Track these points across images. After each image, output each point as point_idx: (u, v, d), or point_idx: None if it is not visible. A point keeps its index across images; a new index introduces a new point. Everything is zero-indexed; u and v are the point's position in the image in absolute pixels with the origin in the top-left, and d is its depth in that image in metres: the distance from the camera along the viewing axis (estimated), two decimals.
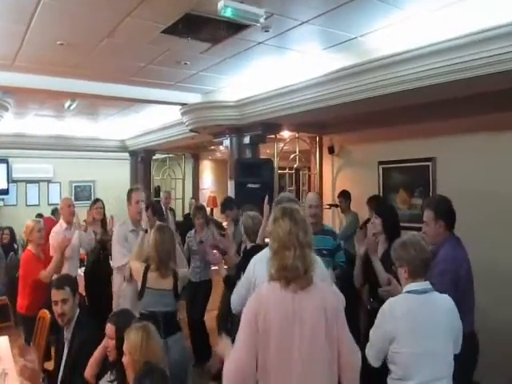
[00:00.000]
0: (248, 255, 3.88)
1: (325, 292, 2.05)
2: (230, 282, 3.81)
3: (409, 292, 2.40)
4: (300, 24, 3.75)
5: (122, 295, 3.91)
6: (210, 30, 3.96)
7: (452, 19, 3.48)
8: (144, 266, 3.40)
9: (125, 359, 2.33)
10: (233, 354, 1.95)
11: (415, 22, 3.65)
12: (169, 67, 5.05)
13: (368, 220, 5.09)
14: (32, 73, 5.21)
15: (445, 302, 2.44)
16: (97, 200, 5.83)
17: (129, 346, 2.33)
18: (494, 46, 3.28)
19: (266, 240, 3.04)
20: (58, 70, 5.16)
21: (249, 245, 3.98)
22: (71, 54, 4.59)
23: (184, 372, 3.37)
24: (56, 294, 3.20)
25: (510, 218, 4.57)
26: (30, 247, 4.53)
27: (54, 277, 4.26)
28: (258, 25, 3.59)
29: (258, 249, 3.87)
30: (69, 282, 3.37)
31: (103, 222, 5.66)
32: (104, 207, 5.71)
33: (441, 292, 2.46)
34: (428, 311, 2.37)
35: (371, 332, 2.44)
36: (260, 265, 2.82)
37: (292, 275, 1.95)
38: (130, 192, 4.26)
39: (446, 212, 3.10)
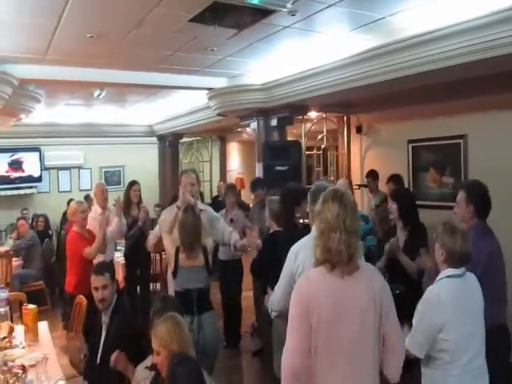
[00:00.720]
0: (269, 241, 3.93)
1: (372, 277, 2.03)
2: (255, 267, 3.92)
3: (449, 277, 2.39)
4: (327, 7, 3.71)
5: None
6: (237, 17, 3.96)
7: None
8: (175, 247, 3.53)
9: (157, 358, 2.34)
10: (287, 346, 1.94)
11: (442, 1, 3.58)
12: (195, 54, 5.07)
13: (383, 201, 5.08)
14: (62, 65, 5.32)
15: (476, 281, 2.46)
16: (134, 182, 5.93)
17: (161, 341, 2.34)
18: None
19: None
20: (87, 62, 5.25)
21: (274, 229, 4.03)
22: (100, 46, 4.67)
23: (214, 350, 3.47)
24: (96, 280, 3.24)
25: None
26: (74, 228, 4.62)
27: (95, 261, 4.43)
28: (285, 10, 3.58)
29: (277, 234, 3.93)
30: (108, 268, 3.45)
31: (138, 204, 5.81)
32: (140, 190, 5.84)
33: None
34: (469, 293, 2.39)
35: (414, 322, 2.41)
36: (304, 251, 2.79)
37: (336, 259, 1.91)
38: (180, 175, 4.41)
39: (478, 197, 3.01)
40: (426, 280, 2.81)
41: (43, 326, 3.82)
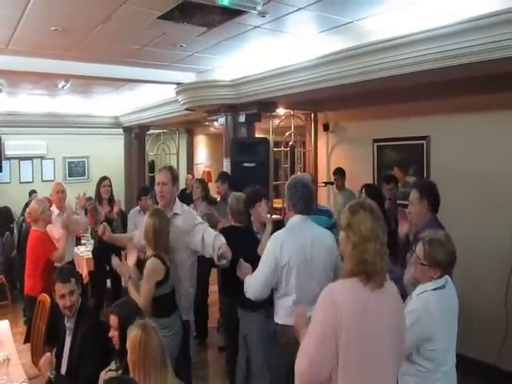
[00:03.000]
0: (223, 232, 3.99)
1: (396, 291, 2.02)
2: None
3: (435, 289, 2.42)
4: (297, 10, 3.74)
5: None
6: (207, 15, 3.94)
7: (447, 6, 3.49)
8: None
9: (128, 357, 2.34)
10: (305, 351, 1.90)
11: (411, 8, 3.66)
12: (164, 49, 5.02)
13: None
14: (26, 56, 5.16)
15: (453, 287, 2.54)
16: (104, 178, 5.83)
17: (129, 344, 2.33)
18: (490, 33, 3.31)
19: None
20: (52, 53, 5.13)
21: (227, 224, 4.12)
22: (66, 39, 4.56)
23: (185, 342, 3.61)
24: (63, 288, 3.14)
25: (502, 197, 4.67)
26: (37, 227, 4.45)
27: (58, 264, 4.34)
28: (255, 12, 3.58)
29: (231, 229, 4.02)
30: (72, 273, 3.36)
31: (110, 200, 5.73)
32: (111, 185, 5.75)
33: None
34: (452, 302, 2.48)
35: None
36: (290, 241, 2.94)
37: (372, 271, 1.88)
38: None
39: (430, 193, 3.24)
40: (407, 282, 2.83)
41: (4, 325, 3.77)
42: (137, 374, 2.27)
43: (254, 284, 3.02)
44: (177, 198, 3.76)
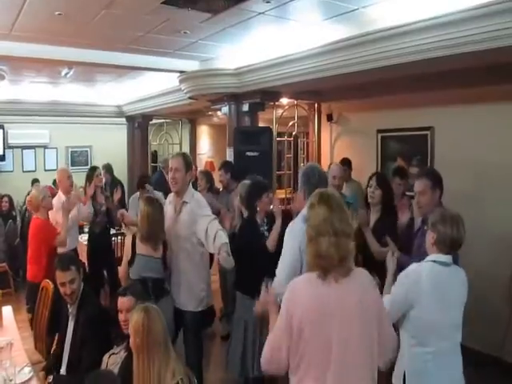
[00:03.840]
0: (247, 224, 4.01)
1: (364, 281, 2.00)
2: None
3: (434, 261, 2.45)
4: None
5: None
6: (211, 1, 3.91)
7: None
8: (131, 236, 3.62)
9: (131, 341, 2.36)
10: (269, 338, 1.99)
11: None
12: (168, 36, 4.98)
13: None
14: (29, 42, 5.13)
15: (462, 274, 2.54)
16: (95, 167, 5.83)
17: (132, 328, 2.35)
18: (495, 21, 3.27)
19: None
20: (55, 39, 5.09)
21: (245, 214, 4.10)
22: (69, 25, 4.52)
23: (171, 333, 3.57)
24: (63, 276, 3.15)
25: (506, 187, 4.66)
26: (38, 215, 4.45)
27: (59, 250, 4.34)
28: None
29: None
30: (72, 260, 3.37)
31: (104, 189, 5.72)
32: (110, 172, 5.74)
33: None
34: (451, 285, 2.47)
35: (392, 291, 2.48)
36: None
37: (326, 263, 1.88)
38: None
39: (441, 181, 3.21)
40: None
41: (7, 311, 3.77)
42: (141, 357, 2.29)
43: (278, 278, 2.93)
44: (190, 186, 3.72)
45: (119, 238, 6.23)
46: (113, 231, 6.17)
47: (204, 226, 3.45)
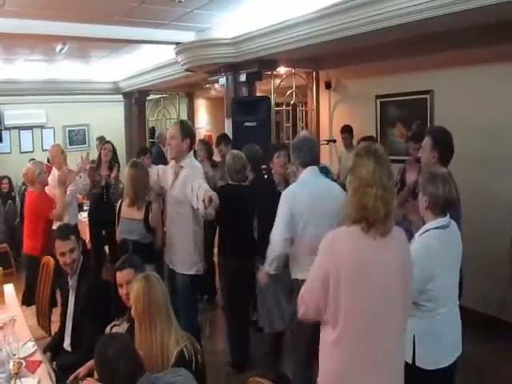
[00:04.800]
0: (219, 193, 4.06)
1: (404, 240, 1.97)
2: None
3: (437, 228, 2.42)
4: None
5: None
6: None
7: None
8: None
9: (132, 311, 2.35)
10: (306, 286, 1.98)
11: None
12: (162, 6, 4.93)
13: None
14: (22, 17, 5.07)
15: (458, 232, 2.54)
16: (107, 142, 5.88)
17: (132, 297, 2.33)
18: None
19: None
20: (48, 14, 5.03)
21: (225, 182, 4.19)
22: None
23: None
24: (62, 245, 3.16)
25: (508, 150, 4.65)
26: (34, 189, 4.52)
27: (55, 226, 4.35)
28: None
29: (230, 187, 4.07)
30: (72, 230, 3.38)
31: (110, 164, 5.72)
32: (113, 150, 5.72)
33: None
34: (454, 243, 2.48)
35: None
36: (303, 193, 3.04)
37: (373, 217, 1.81)
38: None
39: (442, 144, 3.17)
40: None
41: (9, 289, 3.78)
42: (143, 325, 2.28)
43: (273, 240, 3.05)
44: (190, 154, 3.72)
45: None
46: None
47: (194, 186, 3.45)
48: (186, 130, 3.67)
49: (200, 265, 3.78)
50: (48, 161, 7.23)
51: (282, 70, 6.79)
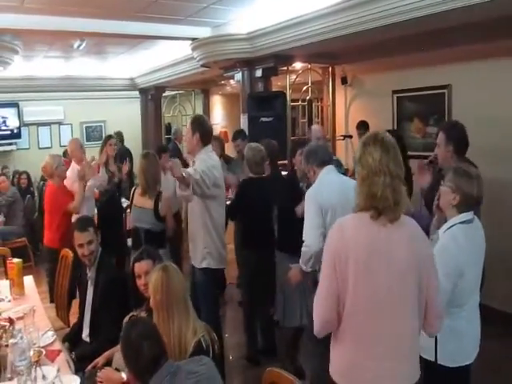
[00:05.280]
0: (243, 186, 4.14)
1: (414, 230, 1.93)
2: (230, 210, 4.14)
3: (463, 222, 2.39)
4: None
5: None
6: None
7: None
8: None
9: (151, 301, 2.37)
10: (317, 296, 1.93)
11: None
12: (179, 1, 4.94)
13: None
14: (41, 14, 5.13)
15: (481, 226, 2.50)
16: (110, 136, 5.87)
17: (151, 287, 2.35)
18: None
19: None
20: (66, 10, 5.08)
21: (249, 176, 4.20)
22: None
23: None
24: (81, 237, 3.22)
25: None
26: (53, 182, 4.61)
27: (74, 218, 4.41)
28: None
29: (252, 181, 4.08)
30: (90, 222, 3.44)
31: (117, 159, 5.73)
32: (121, 142, 5.72)
33: None
34: (479, 237, 2.45)
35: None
36: (327, 189, 3.14)
37: (382, 205, 1.81)
38: None
39: (456, 137, 3.15)
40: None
41: (28, 280, 3.83)
42: (161, 315, 2.29)
43: (309, 239, 3.06)
44: (206, 148, 3.66)
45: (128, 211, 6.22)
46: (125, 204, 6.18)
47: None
48: (195, 124, 3.66)
49: (211, 258, 3.73)
50: (64, 155, 7.36)
51: (297, 65, 6.78)
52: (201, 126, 3.65)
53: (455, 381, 2.41)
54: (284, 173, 4.91)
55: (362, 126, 6.13)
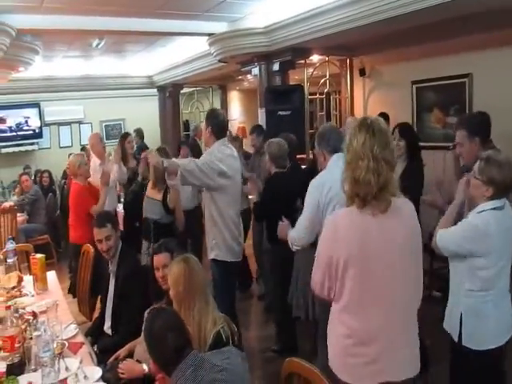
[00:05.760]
0: (271, 180, 4.09)
1: (406, 214, 1.91)
2: (258, 209, 4.17)
3: (494, 208, 2.36)
4: None
5: None
6: None
7: None
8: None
9: (171, 293, 2.37)
10: (313, 273, 1.98)
11: None
12: None
13: None
14: (60, 13, 5.20)
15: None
16: (127, 134, 5.92)
17: (172, 279, 2.35)
18: None
19: None
20: (85, 9, 5.13)
21: (273, 171, 4.14)
22: None
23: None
24: (99, 233, 3.25)
25: None
26: (78, 180, 4.68)
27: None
28: None
29: (278, 175, 4.05)
30: (108, 218, 3.46)
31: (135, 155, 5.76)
32: (141, 137, 5.76)
33: None
34: (509, 226, 2.40)
35: (458, 227, 2.40)
36: (330, 182, 2.93)
37: (365, 191, 1.77)
38: None
39: (479, 127, 3.04)
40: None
41: (52, 276, 3.84)
42: (182, 307, 2.30)
43: (297, 229, 3.02)
44: (220, 141, 3.63)
45: None
46: None
47: None
48: (208, 117, 3.68)
49: (218, 250, 3.69)
50: (81, 149, 7.45)
51: (315, 58, 6.74)
52: (213, 120, 3.65)
53: (479, 364, 2.39)
54: (303, 167, 4.88)
55: (383, 118, 6.04)
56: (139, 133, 8.15)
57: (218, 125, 3.63)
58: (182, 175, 3.38)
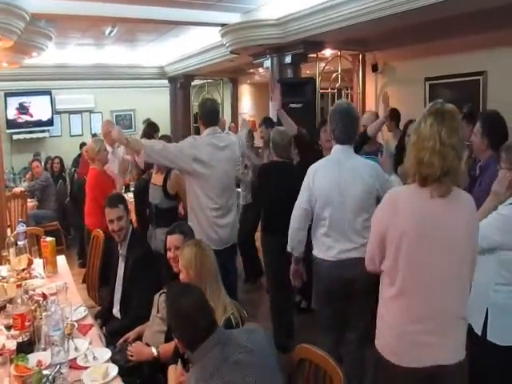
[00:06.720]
0: (263, 168, 4.08)
1: (469, 204, 1.90)
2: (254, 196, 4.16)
3: None
4: None
5: None
6: None
7: None
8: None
9: (181, 276, 2.37)
10: (367, 250, 2.04)
11: None
12: None
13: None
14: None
15: None
16: (155, 125, 5.86)
17: (183, 262, 2.35)
18: None
19: None
20: None
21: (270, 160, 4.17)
22: None
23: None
24: (111, 213, 3.26)
25: None
26: (95, 166, 4.70)
27: None
28: None
29: (276, 164, 4.02)
30: (120, 199, 3.47)
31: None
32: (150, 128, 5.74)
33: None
34: None
35: (491, 218, 2.36)
36: (322, 174, 2.89)
37: (427, 172, 1.78)
38: None
39: (492, 130, 3.05)
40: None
41: (61, 260, 3.86)
42: None
43: (292, 216, 3.01)
44: (209, 129, 3.58)
45: None
46: None
47: None
48: (198, 106, 3.84)
49: (198, 236, 3.61)
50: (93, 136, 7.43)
51: (327, 52, 6.71)
52: (200, 108, 3.71)
53: (503, 360, 2.36)
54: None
55: (392, 115, 6.00)
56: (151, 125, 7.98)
57: (204, 113, 3.62)
58: (146, 152, 3.32)
